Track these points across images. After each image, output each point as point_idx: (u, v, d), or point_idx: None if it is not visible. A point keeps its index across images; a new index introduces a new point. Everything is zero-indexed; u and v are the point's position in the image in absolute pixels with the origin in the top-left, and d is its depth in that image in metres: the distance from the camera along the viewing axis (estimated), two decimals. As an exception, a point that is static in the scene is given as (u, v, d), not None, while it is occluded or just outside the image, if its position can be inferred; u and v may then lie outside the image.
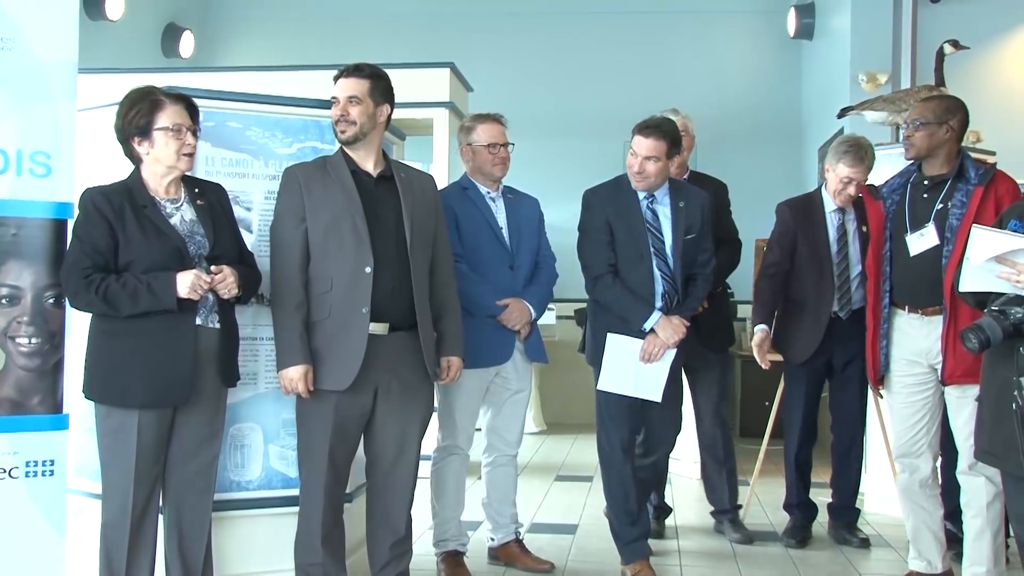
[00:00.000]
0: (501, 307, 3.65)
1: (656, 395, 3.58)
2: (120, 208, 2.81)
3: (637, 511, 3.66)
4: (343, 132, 3.14)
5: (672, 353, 3.57)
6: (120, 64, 6.79)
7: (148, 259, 2.80)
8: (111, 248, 2.80)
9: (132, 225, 2.81)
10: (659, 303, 3.55)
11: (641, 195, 3.61)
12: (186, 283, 2.79)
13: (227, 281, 2.89)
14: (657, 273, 3.56)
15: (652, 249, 3.56)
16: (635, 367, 3.55)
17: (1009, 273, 2.62)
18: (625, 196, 3.61)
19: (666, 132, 3.52)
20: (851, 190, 4.07)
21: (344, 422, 3.11)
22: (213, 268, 2.87)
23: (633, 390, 3.57)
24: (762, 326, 4.15)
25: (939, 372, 3.37)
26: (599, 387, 3.62)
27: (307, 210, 3.08)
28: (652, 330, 3.53)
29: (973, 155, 3.95)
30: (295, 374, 3.04)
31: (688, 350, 3.91)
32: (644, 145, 3.50)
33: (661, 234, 3.58)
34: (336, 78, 3.17)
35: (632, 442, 3.70)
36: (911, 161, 3.48)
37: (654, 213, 3.60)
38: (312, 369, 3.05)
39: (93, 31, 7.30)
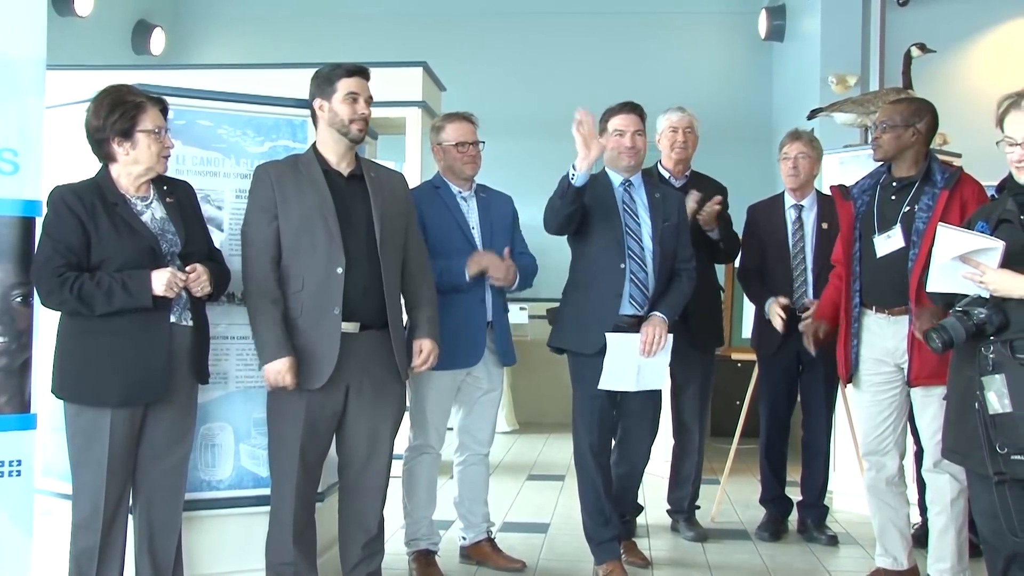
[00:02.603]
0: (474, 274, 3.60)
1: (658, 384, 3.64)
2: (91, 206, 2.80)
3: (610, 512, 3.66)
4: (360, 131, 3.13)
5: (670, 340, 3.55)
6: (89, 61, 6.73)
7: (121, 257, 2.79)
8: (83, 246, 2.78)
9: (104, 223, 2.80)
10: (627, 285, 3.53)
11: (617, 183, 3.64)
12: (162, 281, 2.79)
13: (201, 279, 2.89)
14: (630, 254, 3.54)
15: (625, 229, 3.57)
16: (636, 362, 3.52)
17: (973, 273, 2.65)
18: (601, 183, 3.63)
19: (641, 110, 3.68)
20: (791, 165, 4.24)
21: (316, 421, 3.10)
22: (188, 267, 2.87)
23: (636, 384, 3.56)
24: (770, 300, 4.15)
25: (905, 372, 3.42)
26: (600, 386, 3.53)
27: (279, 208, 3.07)
28: (647, 321, 3.52)
29: (940, 157, 4.02)
30: (280, 367, 3.01)
31: (674, 350, 3.87)
32: (631, 120, 3.63)
33: (637, 216, 3.60)
34: (353, 74, 3.12)
35: (605, 444, 3.68)
36: (879, 162, 3.53)
37: (631, 197, 3.64)
38: (295, 362, 3.03)
39: (61, 27, 7.22)
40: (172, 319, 2.89)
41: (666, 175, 4.33)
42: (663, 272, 3.60)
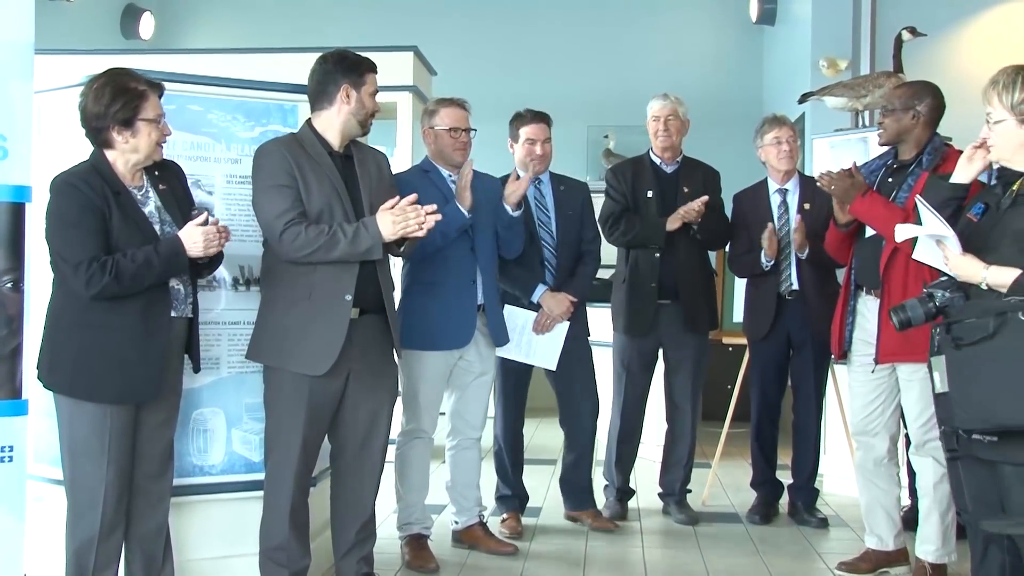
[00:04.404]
0: (468, 204, 3.58)
1: (551, 363, 4.02)
2: (102, 192, 2.76)
3: (508, 476, 4.21)
4: (370, 126, 3.19)
5: (565, 325, 4.00)
6: (78, 45, 6.68)
7: (128, 249, 2.75)
8: (106, 231, 2.75)
9: (115, 211, 2.77)
10: (545, 273, 4.04)
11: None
12: (196, 240, 2.76)
13: (226, 231, 2.86)
14: (544, 244, 4.07)
15: (537, 221, 4.07)
16: (528, 337, 3.99)
17: (943, 256, 2.66)
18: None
19: (548, 118, 4.16)
20: (786, 148, 4.27)
21: (317, 407, 3.09)
22: (211, 220, 2.82)
23: (527, 357, 4.01)
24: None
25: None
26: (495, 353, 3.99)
27: (300, 186, 3.02)
28: (546, 301, 3.98)
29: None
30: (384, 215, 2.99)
31: (667, 332, 4.28)
32: (540, 129, 4.11)
33: (547, 210, 4.11)
34: (375, 70, 3.16)
35: (520, 412, 4.20)
36: (884, 146, 3.55)
37: (541, 192, 4.14)
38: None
39: (50, 11, 7.17)
40: (174, 314, 2.87)
41: (657, 161, 4.34)
42: (568, 256, 4.10)
